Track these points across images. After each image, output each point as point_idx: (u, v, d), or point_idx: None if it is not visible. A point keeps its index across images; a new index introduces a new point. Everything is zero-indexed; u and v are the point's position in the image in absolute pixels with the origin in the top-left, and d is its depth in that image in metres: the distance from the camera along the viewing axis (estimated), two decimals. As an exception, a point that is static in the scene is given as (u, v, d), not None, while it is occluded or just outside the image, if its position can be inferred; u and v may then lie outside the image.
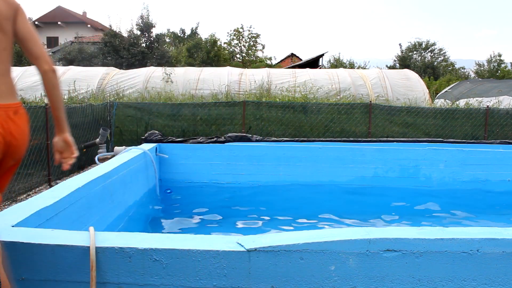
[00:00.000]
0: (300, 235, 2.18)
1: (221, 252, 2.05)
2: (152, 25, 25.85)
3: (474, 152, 6.17)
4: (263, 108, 10.10)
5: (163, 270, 2.06)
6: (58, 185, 3.21)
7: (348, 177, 6.06)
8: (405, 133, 10.09)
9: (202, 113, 10.01)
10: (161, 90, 12.76)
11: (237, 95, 12.93)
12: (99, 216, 3.57)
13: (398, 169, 6.09)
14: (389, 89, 13.71)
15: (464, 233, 2.16)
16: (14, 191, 5.94)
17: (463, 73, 32.96)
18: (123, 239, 2.13)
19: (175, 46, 32.39)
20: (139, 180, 4.94)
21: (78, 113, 8.02)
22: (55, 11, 36.91)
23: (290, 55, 36.12)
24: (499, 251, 2.11)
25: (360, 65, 30.43)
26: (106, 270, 2.05)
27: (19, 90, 12.76)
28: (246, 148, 6.03)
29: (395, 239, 2.09)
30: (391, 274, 2.10)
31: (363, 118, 10.16)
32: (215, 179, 6.00)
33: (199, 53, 26.36)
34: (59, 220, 2.80)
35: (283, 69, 17.58)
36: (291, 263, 2.07)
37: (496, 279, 2.13)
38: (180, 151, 5.99)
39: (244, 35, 36.06)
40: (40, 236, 2.13)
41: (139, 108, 10.00)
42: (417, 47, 32.56)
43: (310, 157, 6.04)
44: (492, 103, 12.33)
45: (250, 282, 2.08)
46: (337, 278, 2.09)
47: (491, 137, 10.16)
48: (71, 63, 22.68)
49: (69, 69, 14.35)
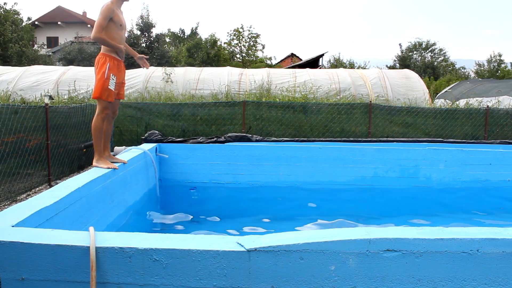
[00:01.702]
0: (300, 235, 2.18)
1: (221, 252, 2.05)
2: (152, 25, 25.88)
3: (474, 152, 6.17)
4: (263, 108, 10.10)
5: (163, 270, 2.06)
6: (58, 185, 3.21)
7: (348, 177, 6.05)
8: (405, 133, 10.09)
9: (202, 113, 10.01)
10: (161, 90, 12.75)
11: (237, 95, 12.92)
12: (99, 216, 3.57)
13: (398, 169, 6.09)
14: (389, 89, 13.70)
15: (464, 233, 2.15)
16: (14, 191, 5.93)
17: (463, 73, 32.95)
18: (123, 239, 2.13)
19: (175, 46, 32.39)
20: (139, 180, 4.94)
21: (78, 113, 8.01)
22: (55, 11, 36.90)
23: (290, 55, 36.12)
24: (499, 251, 2.11)
25: (360, 65, 30.42)
26: (106, 270, 2.05)
27: (19, 90, 12.76)
28: (246, 148, 6.03)
29: (395, 239, 2.09)
30: (391, 274, 2.10)
31: (363, 118, 10.16)
32: (215, 179, 6.00)
33: (199, 53, 26.36)
34: (59, 220, 2.80)
35: (283, 69, 17.58)
36: (291, 263, 2.07)
37: (496, 279, 2.13)
38: (180, 151, 5.99)
39: (244, 35, 36.06)
40: (40, 236, 2.13)
41: (139, 108, 10.00)
42: (417, 47, 32.56)
43: (310, 157, 6.03)
44: (492, 103, 12.32)
45: (250, 282, 2.07)
46: (337, 278, 2.09)
47: (491, 137, 10.16)
48: (71, 63, 22.69)
49: (69, 69, 14.34)
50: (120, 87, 4.15)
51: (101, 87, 3.90)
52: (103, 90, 3.90)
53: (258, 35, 36.34)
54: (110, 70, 3.93)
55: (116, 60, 4.01)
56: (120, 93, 4.20)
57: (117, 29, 4.01)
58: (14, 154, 5.96)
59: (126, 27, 4.24)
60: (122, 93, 4.23)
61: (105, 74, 3.89)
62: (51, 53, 28.95)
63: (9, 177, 5.81)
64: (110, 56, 3.97)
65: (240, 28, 36.00)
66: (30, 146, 6.34)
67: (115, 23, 3.97)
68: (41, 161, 6.68)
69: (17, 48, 23.09)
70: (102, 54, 3.99)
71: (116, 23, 3.98)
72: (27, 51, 23.95)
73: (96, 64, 4.01)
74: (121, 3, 4.10)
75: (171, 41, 34.48)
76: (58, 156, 7.16)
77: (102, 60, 3.95)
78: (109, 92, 3.94)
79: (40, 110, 6.71)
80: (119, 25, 4.01)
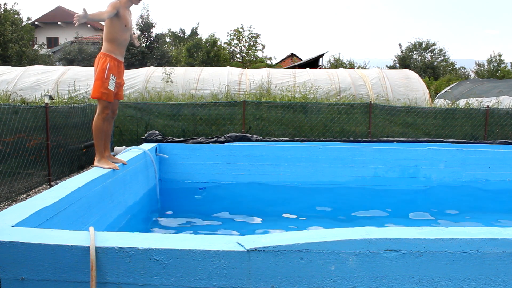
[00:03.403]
0: (300, 235, 2.18)
1: (221, 252, 2.05)
2: (152, 25, 25.88)
3: (474, 152, 6.17)
4: (263, 108, 10.10)
5: (163, 270, 2.06)
6: (58, 185, 3.21)
7: (348, 177, 6.05)
8: (405, 133, 10.09)
9: (202, 113, 10.01)
10: (161, 90, 12.75)
11: (237, 95, 12.92)
12: (99, 216, 3.57)
13: (398, 169, 6.09)
14: (389, 89, 13.70)
15: (464, 233, 2.15)
16: (14, 191, 5.93)
17: (463, 73, 32.96)
18: (123, 239, 2.13)
19: (175, 46, 32.39)
20: (139, 180, 4.94)
21: (78, 113, 8.01)
22: (55, 11, 36.89)
23: (290, 55, 36.13)
24: (499, 251, 2.11)
25: (360, 65, 30.43)
26: (106, 270, 2.05)
27: (19, 90, 12.76)
28: (246, 148, 6.02)
29: (395, 239, 2.09)
30: (391, 274, 2.10)
31: (363, 118, 10.16)
32: (215, 179, 6.00)
33: (199, 53, 26.36)
34: (59, 220, 2.80)
35: (283, 69, 17.57)
36: (291, 263, 2.07)
37: (496, 279, 2.13)
38: (180, 151, 5.99)
39: (244, 35, 36.04)
40: (40, 236, 2.13)
41: (139, 108, 10.00)
42: (417, 47, 32.55)
43: (310, 157, 6.03)
44: (492, 103, 12.32)
45: (250, 282, 2.07)
46: (337, 278, 2.09)
47: (491, 137, 10.16)
48: (71, 63, 22.69)
49: (69, 69, 14.34)
50: (119, 87, 4.15)
51: (101, 87, 3.89)
52: (103, 90, 3.90)
53: (258, 35, 36.34)
54: (110, 70, 3.92)
55: (116, 60, 4.00)
56: (119, 94, 4.18)
57: (122, 30, 3.97)
58: (14, 154, 5.96)
59: (131, 29, 4.21)
60: (121, 93, 4.23)
61: (105, 74, 3.89)
62: (51, 53, 28.94)
63: (9, 177, 5.81)
64: (111, 56, 3.96)
65: (240, 28, 35.99)
66: (30, 146, 6.34)
67: (120, 22, 3.93)
68: (41, 161, 6.68)
69: (17, 48, 23.09)
70: (103, 54, 3.97)
71: (121, 21, 3.93)
72: (27, 51, 23.95)
73: (96, 64, 3.99)
74: (130, 4, 4.06)
75: (171, 41, 34.48)
76: (58, 156, 7.16)
77: (103, 60, 3.94)
78: (109, 92, 3.93)
79: (40, 110, 6.71)
80: (123, 25, 3.97)
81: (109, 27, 3.92)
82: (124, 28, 4.00)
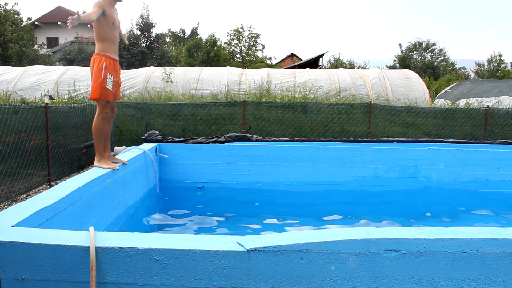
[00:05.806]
0: (300, 235, 2.18)
1: (221, 252, 2.05)
2: (152, 25, 25.88)
3: (474, 152, 6.17)
4: (263, 108, 10.10)
5: (163, 270, 2.06)
6: (58, 185, 3.21)
7: (348, 177, 6.05)
8: (405, 133, 10.09)
9: (202, 113, 10.01)
10: (161, 90, 12.75)
11: (237, 95, 12.92)
12: (99, 216, 3.57)
13: (398, 169, 6.09)
14: (389, 89, 13.70)
15: (464, 233, 2.15)
16: (14, 191, 5.93)
17: (463, 73, 32.96)
18: (123, 239, 2.13)
19: (175, 46, 32.38)
20: (139, 180, 4.94)
21: (78, 113, 8.01)
22: (55, 11, 36.89)
23: (290, 55, 36.12)
24: (499, 251, 2.11)
25: (360, 65, 30.43)
26: (106, 270, 2.05)
27: (19, 90, 12.76)
28: (246, 148, 6.03)
29: (395, 239, 2.09)
30: (391, 274, 2.10)
31: (363, 118, 10.16)
32: (215, 179, 6.00)
33: (199, 53, 26.35)
34: (59, 220, 2.80)
35: (283, 69, 17.57)
36: (291, 263, 2.07)
37: (496, 279, 2.13)
38: (180, 151, 5.99)
39: (244, 35, 36.03)
40: (40, 236, 2.13)
41: (139, 108, 10.00)
42: (417, 47, 32.55)
43: (310, 157, 6.03)
44: (492, 103, 12.32)
45: (250, 282, 2.07)
46: (337, 278, 2.09)
47: (491, 137, 10.16)
48: (71, 63, 22.68)
49: (69, 69, 14.34)
50: (117, 86, 4.16)
51: (99, 87, 3.91)
52: (102, 90, 3.91)
53: (258, 35, 36.33)
54: (107, 70, 3.94)
55: (111, 59, 4.02)
56: (116, 93, 4.20)
57: (110, 28, 3.99)
58: (14, 154, 5.96)
59: (119, 26, 4.23)
60: (118, 93, 4.25)
61: (102, 73, 3.90)
62: (51, 53, 28.95)
63: (9, 177, 5.81)
64: (106, 55, 3.98)
65: (240, 28, 35.98)
66: (30, 146, 6.34)
67: (107, 20, 3.94)
68: (41, 161, 6.68)
69: (17, 48, 23.09)
70: (98, 54, 3.99)
71: (108, 20, 3.95)
72: (27, 51, 23.95)
73: (91, 65, 4.01)
74: (114, 2, 4.09)
75: (171, 41, 34.47)
76: (58, 156, 7.16)
77: (98, 60, 3.96)
78: (107, 92, 3.95)
79: (40, 110, 6.71)
80: (111, 23, 3.99)
81: (98, 27, 3.95)
82: (112, 26, 4.02)
